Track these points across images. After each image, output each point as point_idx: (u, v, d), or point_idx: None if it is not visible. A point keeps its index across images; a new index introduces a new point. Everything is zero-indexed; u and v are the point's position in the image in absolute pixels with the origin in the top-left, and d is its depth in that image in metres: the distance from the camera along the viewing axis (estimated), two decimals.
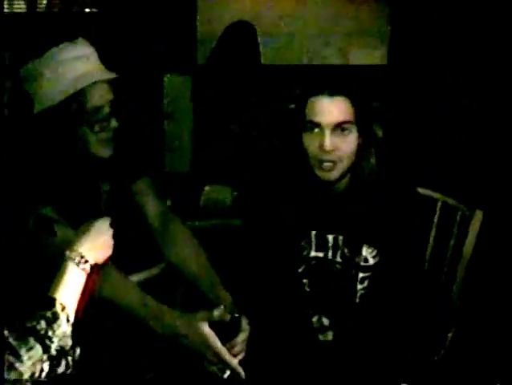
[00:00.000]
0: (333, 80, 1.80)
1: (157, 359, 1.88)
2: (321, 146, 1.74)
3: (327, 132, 1.74)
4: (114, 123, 1.90)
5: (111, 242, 1.60)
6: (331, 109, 1.75)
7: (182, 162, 3.37)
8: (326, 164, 1.77)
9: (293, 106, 1.86)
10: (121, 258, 1.84)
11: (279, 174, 1.97)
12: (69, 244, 1.53)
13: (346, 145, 1.77)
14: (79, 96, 1.83)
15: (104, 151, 1.92)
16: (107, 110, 1.88)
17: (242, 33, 3.52)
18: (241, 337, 1.72)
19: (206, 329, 1.65)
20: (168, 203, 2.45)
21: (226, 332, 1.70)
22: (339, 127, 1.75)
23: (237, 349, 1.70)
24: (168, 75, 3.82)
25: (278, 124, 2.97)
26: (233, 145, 3.19)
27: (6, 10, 4.68)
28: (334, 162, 1.76)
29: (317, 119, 1.75)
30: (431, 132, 3.99)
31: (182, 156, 3.41)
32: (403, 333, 1.81)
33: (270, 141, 2.95)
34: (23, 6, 4.67)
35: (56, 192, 1.87)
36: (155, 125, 3.64)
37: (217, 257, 1.98)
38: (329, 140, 1.74)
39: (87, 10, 4.69)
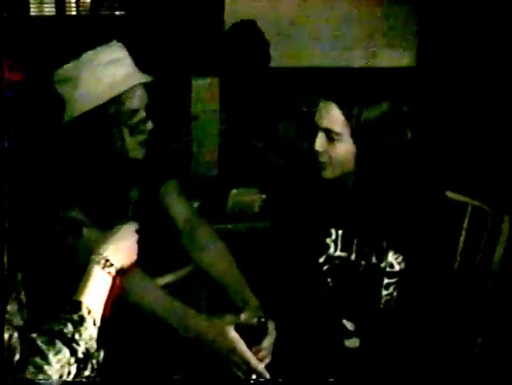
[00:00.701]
0: (328, 87, 1.81)
1: (183, 362, 1.88)
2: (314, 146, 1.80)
3: (319, 134, 1.79)
4: (150, 125, 1.92)
5: (135, 247, 1.61)
6: (323, 113, 1.78)
7: (209, 165, 3.37)
8: (320, 164, 1.82)
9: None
10: (147, 261, 1.85)
11: (304, 173, 1.98)
12: (95, 247, 1.54)
13: (334, 152, 1.79)
14: (116, 99, 1.85)
15: (138, 153, 1.94)
16: (143, 113, 1.90)
17: (245, 33, 3.49)
18: (268, 341, 1.71)
19: (232, 333, 1.65)
20: (195, 206, 2.45)
21: (253, 336, 1.69)
22: (327, 132, 1.78)
23: (263, 353, 1.70)
24: (196, 77, 3.81)
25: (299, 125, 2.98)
26: (258, 149, 3.18)
27: (35, 13, 4.73)
28: (325, 164, 1.81)
29: (317, 120, 1.80)
30: (460, 135, 3.94)
31: (209, 159, 3.40)
32: (430, 341, 1.79)
33: (293, 143, 2.94)
34: (53, 8, 4.70)
35: (85, 195, 1.88)
36: (182, 127, 3.64)
37: (244, 260, 1.98)
38: (318, 141, 1.79)
39: (116, 12, 4.73)
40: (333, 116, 1.76)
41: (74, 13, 4.80)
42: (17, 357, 1.30)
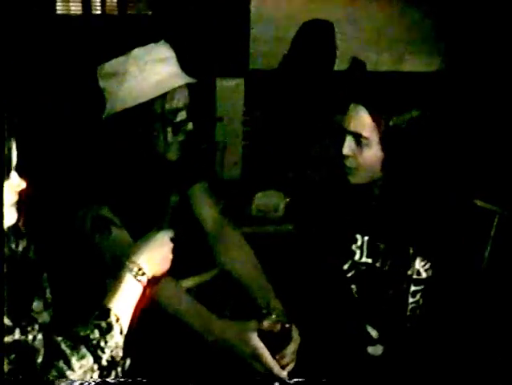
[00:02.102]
0: (358, 91, 1.80)
1: (205, 366, 1.87)
2: (342, 149, 1.78)
3: (347, 138, 1.77)
4: (190, 126, 1.92)
5: (170, 256, 1.58)
6: (352, 117, 1.76)
7: (232, 167, 3.37)
8: (347, 168, 1.80)
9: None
10: (173, 263, 1.84)
11: (331, 178, 1.97)
12: (124, 249, 1.53)
13: (362, 157, 1.77)
14: (162, 98, 1.85)
15: (175, 154, 1.93)
16: (184, 113, 1.90)
17: (318, 33, 3.42)
18: (291, 348, 1.70)
19: (256, 339, 1.64)
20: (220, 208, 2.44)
21: (276, 342, 1.68)
22: (355, 137, 1.76)
23: (286, 360, 1.68)
24: (221, 79, 3.81)
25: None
26: (287, 151, 3.16)
27: (61, 12, 4.75)
28: (352, 168, 1.79)
29: (344, 124, 1.78)
30: (489, 142, 3.90)
31: (233, 161, 3.40)
32: (457, 350, 1.77)
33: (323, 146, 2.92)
34: (79, 7, 4.73)
35: (117, 194, 1.89)
36: (207, 129, 3.64)
37: (268, 263, 1.97)
38: (347, 146, 1.77)
39: (142, 12, 4.74)
40: (362, 120, 1.74)
41: (99, 12, 4.82)
42: (39, 359, 1.29)
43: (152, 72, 1.85)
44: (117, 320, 1.40)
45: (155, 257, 1.53)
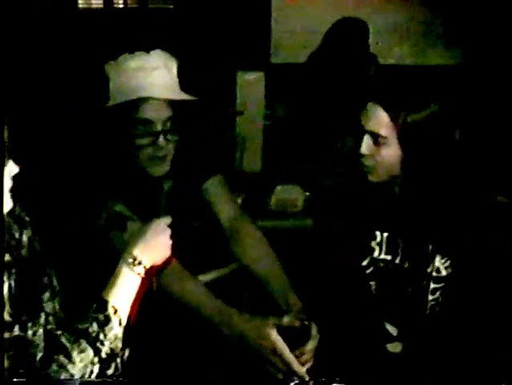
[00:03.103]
0: (376, 92, 1.76)
1: (222, 360, 1.86)
2: (359, 149, 1.76)
3: (365, 137, 1.75)
4: (162, 141, 1.87)
5: (168, 243, 1.56)
6: (369, 116, 1.74)
7: (253, 161, 3.36)
8: (365, 167, 1.78)
9: None
10: (191, 258, 1.84)
11: (350, 175, 1.95)
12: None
13: (380, 156, 1.75)
14: (132, 107, 1.85)
15: (154, 169, 1.91)
16: (158, 126, 1.87)
17: (351, 30, 3.39)
18: (311, 345, 1.69)
19: (275, 335, 1.63)
20: (239, 201, 2.44)
21: (295, 339, 1.67)
22: (373, 136, 1.74)
23: (305, 357, 1.67)
24: (241, 72, 3.79)
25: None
26: (309, 146, 3.14)
27: (83, 6, 4.78)
28: (370, 167, 1.77)
29: (363, 122, 1.76)
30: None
31: (253, 155, 3.39)
32: (477, 349, 1.75)
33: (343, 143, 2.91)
34: (101, 2, 4.75)
35: (129, 188, 1.89)
36: (227, 122, 3.63)
37: (286, 258, 1.96)
38: (364, 145, 1.75)
39: (163, 6, 4.75)
40: (379, 119, 1.71)
41: (121, 6, 4.83)
42: (40, 354, 1.30)
43: (129, 79, 1.87)
44: (115, 312, 1.40)
45: (151, 245, 1.51)
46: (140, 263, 1.46)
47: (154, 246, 1.51)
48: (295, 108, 3.41)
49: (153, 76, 1.87)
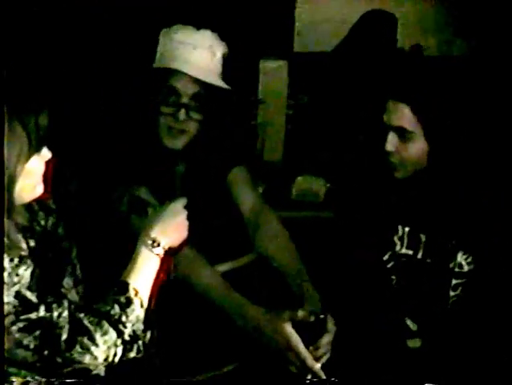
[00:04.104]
0: (397, 86, 1.74)
1: (237, 352, 1.86)
2: (384, 146, 1.74)
3: (390, 134, 1.72)
4: (183, 115, 1.90)
5: (185, 224, 1.55)
6: (392, 112, 1.72)
7: (275, 150, 3.33)
8: (390, 164, 1.76)
9: None
10: (209, 246, 1.83)
11: (373, 170, 1.93)
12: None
13: (405, 150, 1.72)
14: (167, 74, 1.90)
15: (169, 141, 1.94)
16: (183, 99, 1.90)
17: (379, 22, 3.35)
18: (326, 339, 1.67)
19: (289, 329, 1.61)
20: (260, 191, 2.42)
21: (311, 333, 1.65)
22: (398, 132, 1.71)
23: (320, 351, 1.65)
24: (264, 60, 3.76)
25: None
26: (332, 137, 3.11)
27: None
28: (396, 164, 1.75)
29: (386, 119, 1.74)
30: None
31: (275, 144, 3.36)
32: (498, 345, 1.73)
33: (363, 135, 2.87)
34: None
35: (148, 171, 1.90)
36: (249, 111, 3.60)
37: (306, 249, 1.95)
38: (389, 142, 1.73)
39: None
40: (404, 114, 1.69)
41: None
42: (64, 336, 1.31)
43: (170, 49, 1.93)
44: (136, 294, 1.40)
45: (168, 227, 1.51)
46: (158, 244, 1.47)
47: (172, 227, 1.52)
48: (318, 98, 3.38)
49: (192, 54, 1.90)
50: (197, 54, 1.91)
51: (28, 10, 3.48)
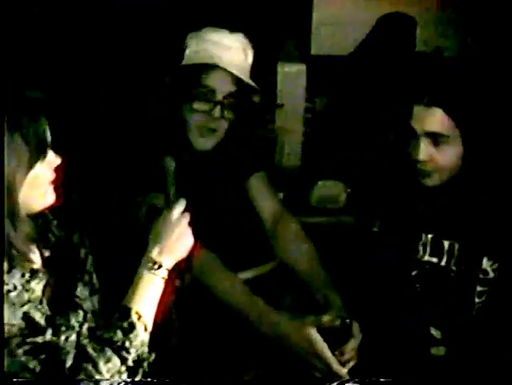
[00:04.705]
0: (431, 90, 1.68)
1: (259, 358, 1.84)
2: (416, 154, 1.68)
3: (422, 142, 1.67)
4: (217, 112, 1.88)
5: (187, 231, 1.47)
6: (425, 118, 1.66)
7: (293, 155, 3.32)
8: (423, 172, 1.70)
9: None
10: (230, 254, 1.82)
11: (393, 174, 1.90)
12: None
13: (440, 156, 1.67)
14: (202, 71, 1.87)
15: (199, 140, 1.92)
16: (218, 96, 1.88)
17: (398, 25, 3.32)
18: (352, 344, 1.66)
19: (315, 334, 1.60)
20: (280, 196, 2.40)
21: (336, 338, 1.63)
22: (433, 138, 1.66)
23: (346, 357, 1.64)
24: (282, 64, 3.74)
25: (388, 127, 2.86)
26: (351, 141, 3.08)
27: None
28: (430, 172, 1.70)
29: (414, 126, 1.68)
30: None
31: (293, 149, 3.35)
32: None
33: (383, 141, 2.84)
34: None
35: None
36: (266, 115, 3.59)
37: (327, 255, 1.92)
38: (422, 150, 1.67)
39: None
40: (439, 118, 1.64)
41: None
42: (69, 363, 1.28)
43: (203, 48, 1.90)
44: (139, 318, 1.36)
45: (168, 243, 1.44)
46: (160, 266, 1.42)
47: (171, 243, 1.44)
48: (337, 102, 3.36)
49: (230, 52, 1.90)
50: (232, 53, 1.90)
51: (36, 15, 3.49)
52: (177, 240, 1.45)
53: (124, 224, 1.88)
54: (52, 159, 1.32)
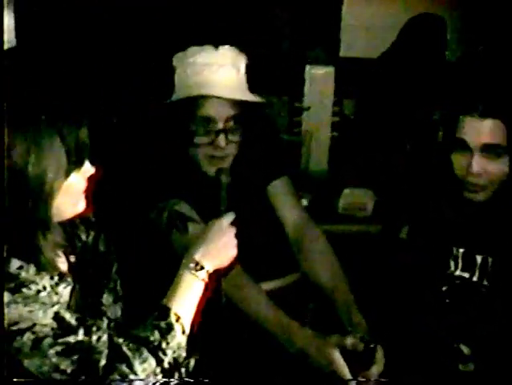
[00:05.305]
0: (486, 99, 1.60)
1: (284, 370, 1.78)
2: (468, 168, 1.60)
3: (475, 154, 1.60)
4: (222, 141, 1.80)
5: (233, 242, 1.49)
6: (480, 129, 1.58)
7: (319, 159, 3.26)
8: (473, 186, 1.63)
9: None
10: (253, 264, 1.77)
11: (425, 186, 1.83)
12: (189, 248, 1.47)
13: (496, 169, 1.61)
14: (194, 103, 1.79)
15: (211, 169, 1.84)
16: (219, 125, 1.80)
17: (428, 26, 3.25)
18: (375, 370, 1.60)
19: (337, 355, 1.56)
20: (304, 204, 2.34)
21: (359, 362, 1.58)
22: (489, 150, 1.59)
23: (369, 382, 1.58)
24: (310, 66, 3.69)
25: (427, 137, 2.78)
26: (380, 146, 3.02)
27: None
28: (482, 186, 1.63)
29: (466, 138, 1.60)
30: None
31: (320, 153, 3.29)
32: None
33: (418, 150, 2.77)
34: None
35: (186, 186, 1.84)
36: (293, 117, 3.54)
37: (354, 265, 1.87)
38: (476, 163, 1.60)
39: None
40: (497, 129, 1.57)
41: None
42: (102, 362, 1.26)
43: (193, 74, 1.81)
44: (177, 319, 1.35)
45: (213, 248, 1.44)
46: (202, 268, 1.41)
47: (217, 249, 1.45)
48: (366, 105, 3.29)
49: (219, 74, 1.81)
50: (223, 73, 1.81)
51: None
52: (223, 247, 1.47)
53: (147, 230, 1.85)
54: (87, 168, 1.30)
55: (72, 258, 1.40)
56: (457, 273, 1.73)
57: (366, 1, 4.42)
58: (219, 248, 1.46)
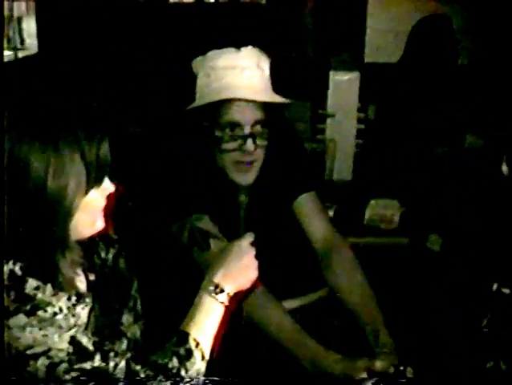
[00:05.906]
0: None
1: None
2: None
3: None
4: (250, 146, 1.74)
5: (253, 264, 1.43)
6: None
7: (344, 168, 3.20)
8: None
9: None
10: (276, 281, 1.71)
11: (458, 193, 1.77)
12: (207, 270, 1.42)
13: None
14: (219, 108, 1.74)
15: (240, 177, 1.79)
16: (246, 129, 1.74)
17: (435, 27, 3.18)
18: None
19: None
20: (330, 214, 2.28)
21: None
22: None
23: None
24: (334, 72, 3.63)
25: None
26: (406, 153, 2.94)
27: (173, 0, 4.79)
28: None
29: None
30: None
31: (344, 162, 3.23)
32: None
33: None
34: None
35: (210, 200, 1.78)
36: (316, 125, 3.50)
37: (381, 280, 1.80)
38: None
39: (256, 1, 4.68)
40: None
41: (212, 0, 4.80)
42: None
43: (216, 79, 1.75)
44: (197, 345, 1.29)
45: (233, 270, 1.39)
46: (222, 291, 1.35)
47: (237, 270, 1.40)
48: (390, 112, 3.22)
49: (243, 76, 1.75)
50: (247, 75, 1.75)
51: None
52: (243, 269, 1.41)
53: (168, 247, 1.80)
54: (107, 186, 1.26)
55: (91, 276, 1.36)
56: (495, 287, 1.65)
57: (390, 4, 4.35)
58: (239, 270, 1.40)
